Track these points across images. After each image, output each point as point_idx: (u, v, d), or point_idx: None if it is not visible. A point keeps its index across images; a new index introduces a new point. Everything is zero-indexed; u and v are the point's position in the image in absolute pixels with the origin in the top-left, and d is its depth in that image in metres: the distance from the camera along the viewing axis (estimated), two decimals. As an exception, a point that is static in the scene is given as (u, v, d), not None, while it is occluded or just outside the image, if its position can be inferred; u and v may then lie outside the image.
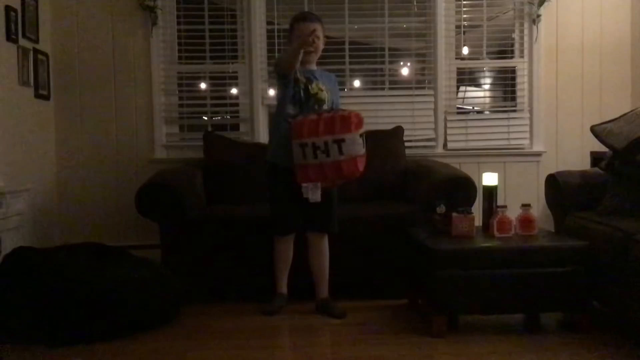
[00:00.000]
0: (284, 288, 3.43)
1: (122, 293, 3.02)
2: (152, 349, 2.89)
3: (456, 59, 4.74)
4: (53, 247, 3.45)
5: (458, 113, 4.81)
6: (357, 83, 5.00)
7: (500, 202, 3.37)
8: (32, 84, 4.13)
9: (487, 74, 5.05)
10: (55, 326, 2.91)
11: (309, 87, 3.29)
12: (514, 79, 4.79)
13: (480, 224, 3.35)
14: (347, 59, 4.63)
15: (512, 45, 4.81)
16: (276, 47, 4.60)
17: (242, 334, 3.09)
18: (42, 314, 2.92)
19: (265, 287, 3.41)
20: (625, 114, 3.68)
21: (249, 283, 3.63)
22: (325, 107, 3.32)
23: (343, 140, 3.04)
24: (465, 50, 4.82)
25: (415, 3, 4.69)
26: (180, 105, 4.67)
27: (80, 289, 2.95)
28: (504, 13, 4.81)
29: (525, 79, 4.72)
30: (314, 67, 3.44)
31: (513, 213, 3.23)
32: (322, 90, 3.33)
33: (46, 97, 4.36)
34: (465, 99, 5.07)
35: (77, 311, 2.93)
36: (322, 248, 3.38)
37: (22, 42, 3.98)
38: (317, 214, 3.31)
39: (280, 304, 3.38)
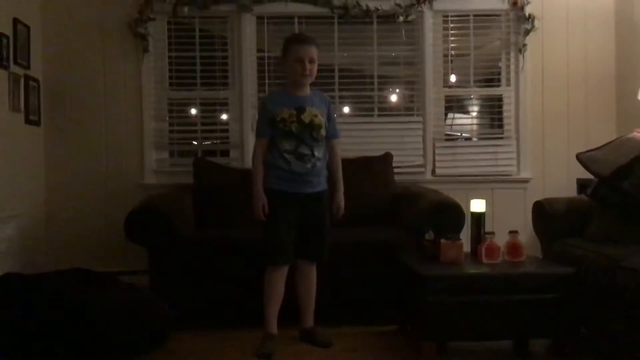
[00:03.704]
0: (275, 327, 3.25)
1: (110, 319, 3.00)
2: (140, 376, 2.88)
3: (444, 86, 4.81)
4: (41, 273, 3.42)
5: (446, 140, 4.87)
6: (346, 109, 5.04)
7: (488, 228, 3.39)
8: (22, 109, 4.14)
9: (474, 101, 5.11)
10: (43, 352, 2.88)
11: (301, 117, 3.16)
12: (500, 106, 4.86)
13: (469, 250, 3.37)
14: (336, 86, 4.70)
15: (499, 73, 4.89)
16: (266, 74, 4.65)
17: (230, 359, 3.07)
18: (30, 339, 2.89)
19: (254, 312, 3.39)
20: (610, 142, 3.74)
21: (237, 308, 3.61)
22: (322, 132, 3.21)
23: None
24: (453, 78, 4.90)
25: (403, 32, 4.76)
26: (171, 131, 4.69)
27: (69, 315, 2.93)
28: (491, 42, 4.89)
29: (512, 106, 4.79)
30: (306, 91, 3.27)
31: (501, 239, 3.25)
32: (316, 116, 3.18)
33: (37, 123, 4.37)
34: (453, 126, 5.13)
35: (66, 337, 2.90)
36: (311, 276, 3.33)
37: (14, 68, 4.01)
38: (310, 242, 3.27)
39: (275, 346, 3.17)
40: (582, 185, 4.26)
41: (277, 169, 3.20)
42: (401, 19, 4.64)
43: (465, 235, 3.38)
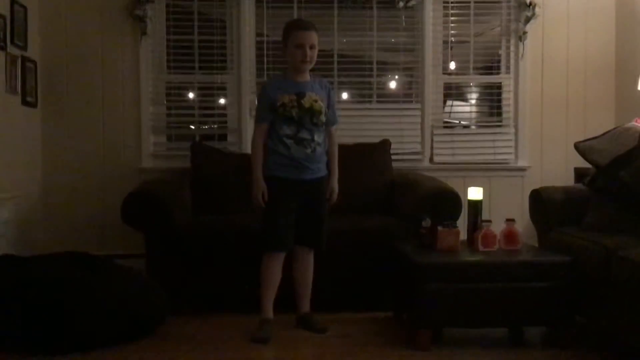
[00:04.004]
0: (271, 312, 3.24)
1: (106, 302, 3.01)
2: (136, 359, 2.88)
3: (443, 73, 4.79)
4: (38, 255, 3.43)
5: (444, 127, 4.86)
6: (345, 95, 5.03)
7: (485, 216, 3.40)
8: (19, 91, 4.11)
9: (473, 89, 5.10)
10: (38, 334, 2.89)
11: (302, 102, 3.16)
12: (500, 94, 4.85)
13: (465, 238, 3.37)
14: (335, 72, 4.67)
15: (499, 61, 4.87)
16: (265, 59, 4.62)
17: (227, 345, 3.08)
18: (25, 322, 2.90)
19: (251, 297, 3.39)
20: (608, 132, 3.74)
21: (234, 294, 3.61)
22: (322, 117, 3.22)
23: None
24: (452, 65, 4.88)
25: (403, 18, 4.74)
26: (168, 115, 4.67)
27: (64, 298, 2.93)
28: (491, 29, 4.87)
29: (511, 94, 4.78)
30: (306, 77, 3.27)
31: (497, 227, 3.26)
32: (316, 101, 3.19)
33: (33, 105, 4.35)
34: (451, 113, 5.12)
35: (61, 321, 2.90)
36: (309, 263, 3.35)
37: (11, 49, 3.97)
38: (309, 230, 3.28)
39: (271, 331, 3.17)
40: (579, 174, 4.26)
41: (277, 154, 3.20)
42: (401, 4, 4.61)
43: (462, 223, 3.39)
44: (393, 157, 4.44)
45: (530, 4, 4.63)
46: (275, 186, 3.20)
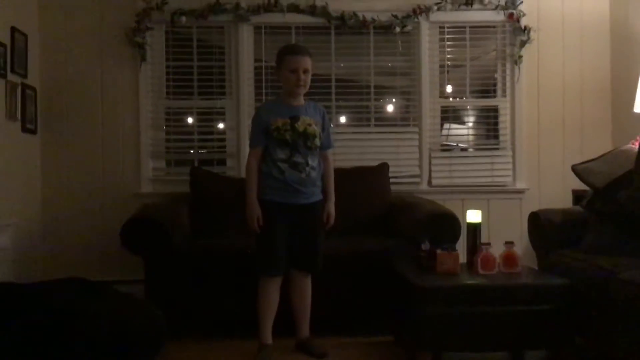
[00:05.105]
0: (270, 338, 3.23)
1: (103, 328, 2.99)
2: (135, 386, 2.87)
3: (440, 97, 4.82)
4: (36, 282, 3.42)
5: (442, 150, 4.88)
6: (343, 119, 5.06)
7: (484, 239, 3.40)
8: (19, 118, 4.14)
9: (470, 112, 5.14)
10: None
11: (295, 126, 3.18)
12: (496, 117, 4.88)
13: (465, 261, 3.37)
14: (333, 96, 4.71)
15: (495, 84, 4.91)
16: (263, 84, 4.67)
17: (227, 370, 3.07)
18: (21, 349, 2.88)
19: (250, 321, 3.38)
20: (605, 154, 3.76)
21: (234, 318, 3.60)
22: (316, 141, 3.23)
23: None
24: (449, 89, 4.92)
25: (400, 42, 4.79)
26: (167, 140, 4.70)
27: (64, 324, 2.92)
28: (487, 53, 4.92)
29: (508, 117, 4.81)
30: (300, 101, 3.29)
31: (497, 250, 3.26)
32: (310, 125, 3.21)
33: (33, 132, 4.37)
34: (449, 137, 5.14)
35: (60, 347, 2.89)
36: (306, 287, 3.34)
37: (11, 77, 4.01)
38: (305, 254, 3.28)
39: (270, 356, 3.17)
40: (577, 196, 4.27)
41: (271, 178, 3.20)
42: (398, 29, 4.66)
43: (461, 246, 3.39)
44: (391, 180, 4.45)
45: (525, 28, 4.69)
46: (270, 210, 3.20)
